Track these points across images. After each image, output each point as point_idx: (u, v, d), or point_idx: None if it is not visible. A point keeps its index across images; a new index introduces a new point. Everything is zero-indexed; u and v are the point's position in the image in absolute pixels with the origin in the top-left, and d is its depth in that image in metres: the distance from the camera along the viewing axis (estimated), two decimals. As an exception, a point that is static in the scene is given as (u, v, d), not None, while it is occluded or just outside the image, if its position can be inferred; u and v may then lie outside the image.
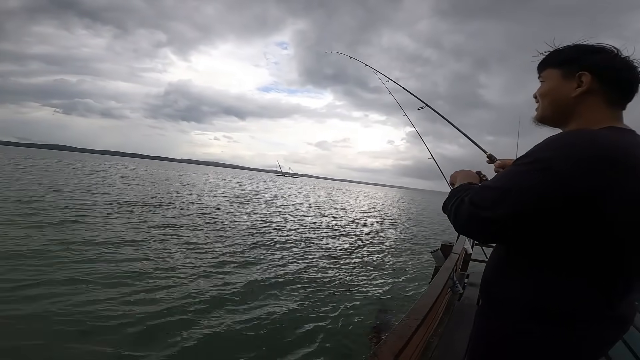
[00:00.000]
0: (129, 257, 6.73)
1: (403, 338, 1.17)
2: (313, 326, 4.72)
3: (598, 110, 0.81)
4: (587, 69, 0.81)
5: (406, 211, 33.06)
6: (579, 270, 0.72)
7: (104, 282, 5.25)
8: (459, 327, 2.92)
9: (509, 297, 0.81)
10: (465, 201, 0.79)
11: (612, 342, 0.80)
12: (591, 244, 0.70)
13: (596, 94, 0.81)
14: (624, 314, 0.77)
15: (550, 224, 0.70)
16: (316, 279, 6.89)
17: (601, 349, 0.79)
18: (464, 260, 4.61)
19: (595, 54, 0.82)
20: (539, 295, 0.75)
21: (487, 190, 0.77)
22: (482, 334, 0.89)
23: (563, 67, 0.86)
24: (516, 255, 0.81)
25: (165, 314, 4.44)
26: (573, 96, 0.83)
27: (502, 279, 0.84)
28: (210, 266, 6.82)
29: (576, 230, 0.69)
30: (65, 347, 3.52)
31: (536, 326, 0.75)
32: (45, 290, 4.70)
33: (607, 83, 0.80)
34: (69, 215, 9.92)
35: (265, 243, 9.60)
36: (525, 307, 0.77)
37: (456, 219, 0.81)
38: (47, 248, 6.58)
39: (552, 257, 0.73)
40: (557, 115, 0.89)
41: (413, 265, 9.29)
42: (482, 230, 0.76)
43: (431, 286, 1.90)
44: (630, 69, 0.80)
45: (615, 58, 0.81)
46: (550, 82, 0.89)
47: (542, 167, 0.69)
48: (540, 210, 0.68)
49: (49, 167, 34.96)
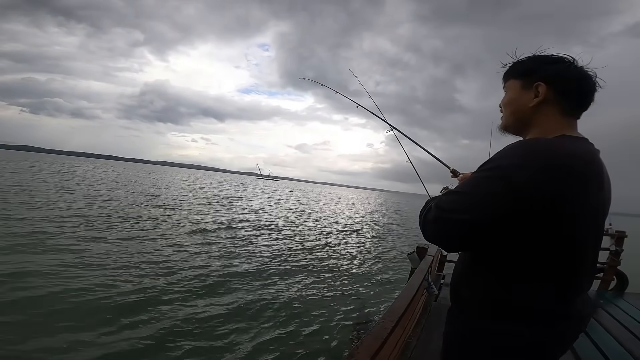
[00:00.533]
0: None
1: (379, 339, 1.19)
2: (294, 328, 4.71)
3: (553, 120, 0.85)
4: (543, 80, 0.85)
5: (385, 214, 33.51)
6: (536, 271, 0.76)
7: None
8: (436, 327, 2.99)
9: (473, 298, 0.85)
10: (432, 207, 0.82)
11: (574, 337, 0.85)
12: (547, 247, 0.74)
13: (551, 103, 0.85)
14: (581, 310, 0.82)
15: (507, 229, 0.73)
16: (295, 279, 6.88)
17: (564, 344, 0.83)
18: (440, 262, 4.72)
19: (551, 64, 0.86)
20: (499, 295, 0.79)
21: (451, 194, 0.80)
22: (452, 332, 0.93)
23: (523, 78, 0.90)
24: (479, 257, 0.84)
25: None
26: (530, 106, 0.87)
27: (467, 280, 0.88)
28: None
29: (533, 235, 0.73)
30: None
31: (498, 325, 0.79)
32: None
33: (561, 93, 0.84)
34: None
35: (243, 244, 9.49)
36: (488, 306, 0.81)
37: (425, 224, 0.84)
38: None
39: (511, 260, 0.77)
40: (517, 124, 0.93)
41: (392, 267, 9.42)
42: (446, 233, 0.78)
43: (406, 288, 1.94)
44: (583, 78, 0.84)
45: (570, 68, 0.84)
46: (511, 93, 0.93)
47: (501, 174, 0.72)
48: (498, 215, 0.72)
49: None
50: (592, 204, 0.75)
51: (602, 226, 0.83)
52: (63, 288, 5.03)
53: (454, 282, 0.94)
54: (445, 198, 0.80)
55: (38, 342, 3.59)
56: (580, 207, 0.73)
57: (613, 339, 2.62)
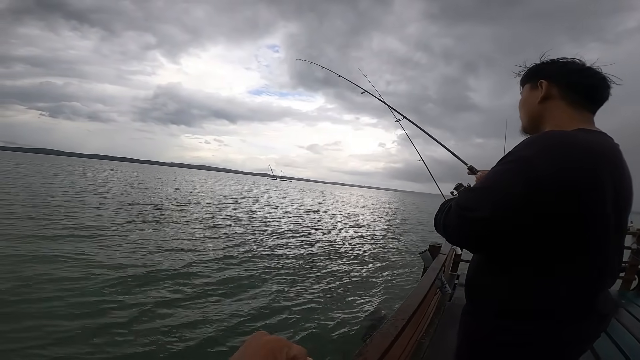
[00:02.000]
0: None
1: (389, 337, 1.18)
2: (307, 325, 4.75)
3: (564, 114, 0.87)
4: (544, 77, 0.91)
5: (398, 213, 33.23)
6: (555, 267, 0.74)
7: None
8: (450, 327, 2.94)
9: (490, 296, 0.83)
10: (452, 207, 0.81)
11: (594, 337, 0.82)
12: (569, 240, 0.72)
13: (557, 98, 0.89)
14: (603, 308, 0.79)
15: (530, 222, 0.72)
16: (307, 278, 6.90)
17: (584, 343, 0.81)
18: (454, 262, 4.64)
19: (552, 64, 0.92)
20: (517, 293, 0.77)
21: (471, 191, 0.79)
22: (467, 332, 0.91)
23: (531, 80, 0.96)
24: (496, 254, 0.82)
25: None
26: (537, 102, 0.92)
27: (483, 278, 0.87)
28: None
29: (555, 227, 0.71)
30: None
31: (517, 324, 0.77)
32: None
33: (564, 87, 0.88)
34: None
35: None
36: (505, 305, 0.79)
37: (446, 227, 0.82)
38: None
39: (530, 256, 0.75)
40: (531, 122, 0.97)
41: (406, 266, 9.34)
42: (471, 231, 0.77)
43: (418, 287, 1.91)
44: (585, 70, 0.87)
45: (567, 64, 0.89)
46: (524, 95, 0.99)
47: (523, 166, 0.71)
48: (521, 207, 0.71)
49: (54, 172, 34.19)
50: (612, 195, 0.72)
51: (625, 221, 0.80)
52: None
53: (469, 279, 0.93)
54: (465, 195, 0.80)
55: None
56: (600, 199, 0.71)
57: (635, 339, 2.52)
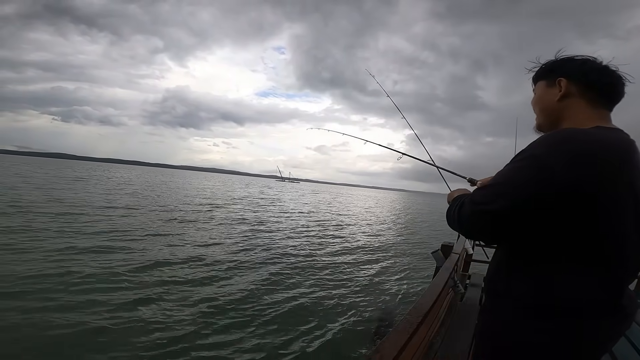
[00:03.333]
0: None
1: (404, 335, 1.18)
2: (315, 325, 4.75)
3: (582, 112, 0.87)
4: (563, 75, 0.91)
5: (408, 212, 33.09)
6: (578, 264, 0.74)
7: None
8: (462, 327, 2.92)
9: (512, 294, 0.83)
10: (465, 202, 0.82)
11: (615, 338, 0.82)
12: (587, 237, 0.72)
13: (576, 96, 0.89)
14: (626, 307, 0.79)
15: (546, 218, 0.73)
16: (317, 277, 6.92)
17: (604, 344, 0.81)
18: (465, 262, 4.61)
19: (569, 62, 0.92)
20: (540, 291, 0.77)
21: (485, 187, 0.81)
22: (487, 330, 0.91)
23: (546, 77, 0.96)
24: (517, 251, 0.83)
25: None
26: (556, 100, 0.91)
27: (505, 276, 0.87)
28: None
29: (572, 224, 0.72)
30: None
31: (536, 320, 0.77)
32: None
33: (584, 85, 0.88)
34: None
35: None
36: (527, 303, 0.79)
37: (460, 221, 0.84)
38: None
39: (552, 253, 0.76)
40: (548, 120, 0.96)
41: (416, 266, 9.30)
42: (485, 226, 0.79)
43: (431, 285, 1.91)
44: (603, 69, 0.87)
45: (586, 63, 0.89)
46: (539, 92, 0.99)
47: (535, 163, 0.72)
48: (535, 204, 0.72)
49: (78, 176, 35.55)
50: (629, 191, 0.73)
51: None
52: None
53: (489, 276, 0.94)
54: (478, 192, 0.82)
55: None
56: (617, 195, 0.71)
57: (652, 341, 2.48)
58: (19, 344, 3.55)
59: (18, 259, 6.15)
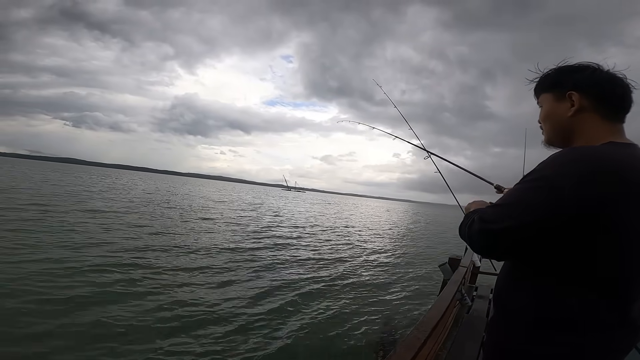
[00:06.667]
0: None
1: (412, 350, 1.18)
2: (318, 335, 4.71)
3: (596, 126, 0.84)
4: (574, 88, 0.85)
5: (415, 224, 32.83)
6: (585, 280, 0.74)
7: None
8: (468, 339, 2.89)
9: (519, 308, 0.83)
10: (475, 220, 0.82)
11: (625, 350, 0.80)
12: (596, 256, 0.72)
13: (589, 110, 0.84)
14: (636, 320, 0.77)
15: (555, 238, 0.72)
16: (322, 289, 6.88)
17: (616, 354, 0.79)
18: (472, 273, 4.56)
19: (577, 72, 0.86)
20: (546, 305, 0.77)
21: (494, 207, 0.81)
22: (495, 343, 0.91)
23: (554, 90, 0.90)
24: (524, 266, 0.83)
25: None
26: (569, 116, 0.86)
27: (512, 289, 0.87)
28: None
29: (580, 244, 0.72)
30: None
31: (544, 335, 0.76)
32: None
33: (596, 98, 0.84)
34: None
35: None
36: (534, 317, 0.79)
37: (470, 237, 0.84)
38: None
39: (559, 269, 0.76)
40: (560, 137, 0.92)
41: (421, 278, 9.20)
42: (493, 245, 0.80)
43: (439, 299, 1.91)
44: (614, 79, 0.83)
45: (595, 72, 0.84)
46: (547, 107, 0.93)
47: (544, 184, 0.72)
48: (541, 224, 0.72)
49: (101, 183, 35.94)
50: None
51: None
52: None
53: (497, 291, 0.93)
54: (488, 210, 0.82)
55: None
56: (631, 214, 0.70)
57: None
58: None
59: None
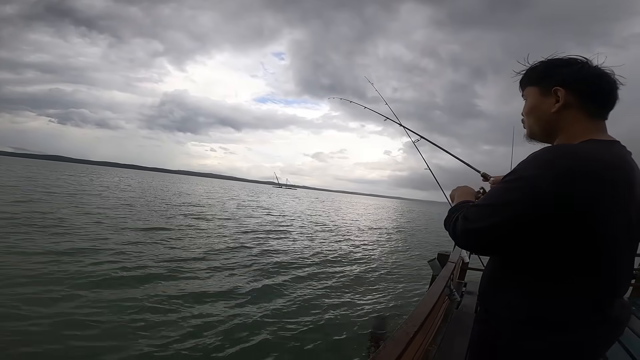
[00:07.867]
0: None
1: (400, 344, 1.18)
2: (309, 331, 4.75)
3: (579, 123, 0.84)
4: (561, 84, 0.84)
5: (405, 220, 33.10)
6: (568, 278, 0.74)
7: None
8: (457, 335, 2.93)
9: (503, 305, 0.84)
10: (459, 218, 0.83)
11: (608, 345, 0.82)
12: (578, 254, 0.73)
13: (574, 107, 0.84)
14: (618, 316, 0.79)
15: (536, 236, 0.73)
16: (313, 285, 6.88)
17: (598, 351, 0.81)
18: (461, 269, 4.62)
19: (565, 67, 0.85)
20: (530, 302, 0.78)
21: (477, 206, 0.82)
22: (481, 340, 0.92)
23: (539, 84, 0.90)
24: (508, 264, 0.84)
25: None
26: (553, 112, 0.86)
27: (497, 287, 0.87)
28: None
29: (560, 241, 0.72)
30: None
31: (530, 333, 0.77)
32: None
33: (581, 95, 0.83)
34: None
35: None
36: (518, 314, 0.80)
37: (455, 235, 0.86)
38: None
39: (542, 267, 0.76)
40: (543, 132, 0.92)
41: (411, 274, 9.28)
42: (476, 242, 0.81)
43: (428, 294, 1.92)
44: (602, 76, 0.82)
45: (584, 68, 0.83)
46: (531, 101, 0.92)
47: (524, 184, 0.73)
48: (523, 223, 0.72)
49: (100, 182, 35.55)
50: (623, 208, 0.72)
51: (637, 231, 0.79)
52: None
53: (482, 289, 0.94)
54: (471, 209, 0.82)
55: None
56: (609, 213, 0.71)
57: (647, 347, 2.48)
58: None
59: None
